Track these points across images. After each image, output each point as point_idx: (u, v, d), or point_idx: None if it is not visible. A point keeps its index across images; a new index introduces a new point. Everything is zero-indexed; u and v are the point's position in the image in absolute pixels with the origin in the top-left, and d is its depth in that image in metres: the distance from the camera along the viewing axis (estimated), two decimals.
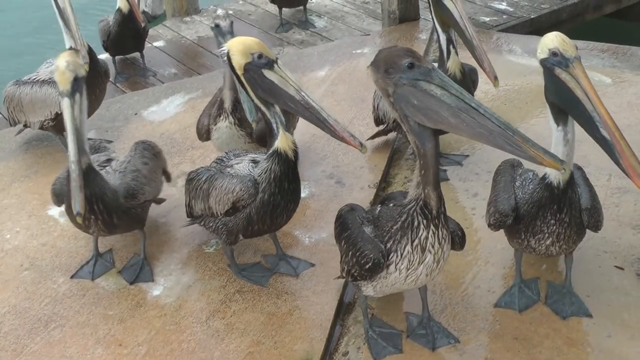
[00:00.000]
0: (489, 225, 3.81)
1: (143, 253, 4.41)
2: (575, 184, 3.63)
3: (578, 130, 5.36)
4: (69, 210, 4.03)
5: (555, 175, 3.52)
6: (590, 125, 3.31)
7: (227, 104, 4.64)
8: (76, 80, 3.88)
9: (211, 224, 4.13)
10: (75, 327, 3.97)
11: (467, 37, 4.57)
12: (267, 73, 3.72)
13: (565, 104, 3.39)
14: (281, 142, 3.82)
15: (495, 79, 4.56)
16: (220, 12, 4.66)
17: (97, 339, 3.89)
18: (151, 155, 4.43)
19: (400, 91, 3.07)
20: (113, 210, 4.04)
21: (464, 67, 4.78)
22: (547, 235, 3.64)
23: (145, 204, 4.27)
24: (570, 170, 3.57)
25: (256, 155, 4.07)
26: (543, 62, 3.37)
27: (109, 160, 4.35)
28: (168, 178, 4.76)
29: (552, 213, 3.58)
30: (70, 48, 5.26)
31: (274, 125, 3.84)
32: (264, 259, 4.38)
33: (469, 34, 4.57)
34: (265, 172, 3.85)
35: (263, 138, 4.36)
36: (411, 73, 3.04)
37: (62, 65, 3.87)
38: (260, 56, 3.72)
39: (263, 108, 3.84)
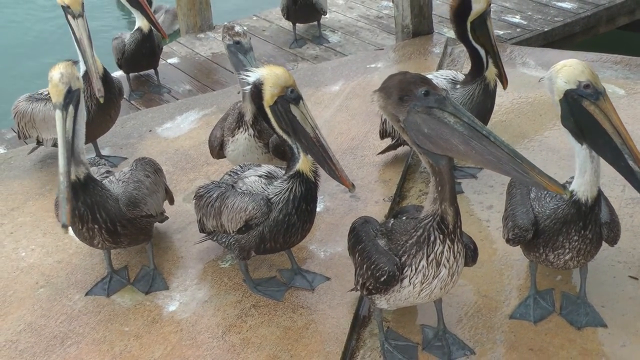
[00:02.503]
0: (508, 240, 3.78)
1: (152, 263, 4.44)
2: (601, 201, 3.63)
3: None
4: (72, 222, 4.01)
5: (584, 192, 3.51)
6: (616, 157, 3.36)
7: (248, 117, 4.69)
8: (70, 93, 3.90)
9: (224, 240, 4.16)
10: (91, 344, 3.99)
11: (495, 50, 4.94)
12: (292, 108, 3.83)
13: (587, 134, 3.40)
14: (302, 164, 3.90)
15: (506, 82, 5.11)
16: (238, 28, 4.70)
17: (114, 355, 3.91)
18: (152, 170, 4.45)
19: (412, 119, 3.11)
20: (116, 218, 4.05)
21: (497, 78, 5.00)
22: (567, 250, 3.63)
23: (150, 217, 4.25)
24: (599, 187, 3.56)
25: (270, 170, 4.09)
26: (569, 92, 3.36)
27: (109, 172, 4.36)
28: (171, 199, 4.77)
29: (576, 230, 3.57)
30: (86, 73, 5.29)
31: (296, 150, 3.91)
32: (279, 273, 4.39)
33: (496, 47, 4.94)
34: (285, 193, 3.89)
35: (278, 149, 4.42)
36: (426, 100, 3.07)
37: (56, 78, 3.89)
38: (292, 91, 3.82)
39: (284, 135, 3.91)
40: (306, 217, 3.99)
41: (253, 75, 3.88)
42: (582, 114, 3.38)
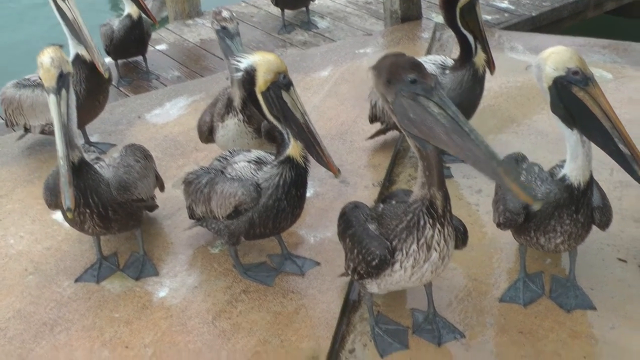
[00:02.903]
0: (498, 224, 3.80)
1: (142, 249, 4.44)
2: (593, 185, 3.64)
3: None
4: (62, 207, 4.04)
5: (576, 176, 3.52)
6: (606, 142, 3.38)
7: (237, 102, 4.68)
8: (62, 77, 3.89)
9: (213, 226, 4.16)
10: (81, 331, 3.98)
11: (483, 36, 4.90)
12: (284, 94, 3.82)
13: (578, 120, 3.41)
14: (293, 149, 3.89)
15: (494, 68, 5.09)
16: (225, 13, 4.67)
17: (103, 341, 3.91)
18: (142, 156, 4.45)
19: (399, 102, 3.11)
20: (107, 203, 4.04)
21: (486, 64, 4.98)
22: (559, 234, 3.65)
23: (139, 202, 4.25)
24: (590, 171, 3.57)
25: (260, 155, 4.09)
26: (558, 79, 3.37)
27: (98, 158, 4.34)
28: (161, 186, 4.75)
29: (568, 214, 3.58)
30: (77, 56, 5.29)
31: (286, 135, 3.90)
32: (269, 258, 4.39)
33: (484, 33, 4.91)
34: (274, 178, 3.89)
35: (270, 134, 4.40)
36: (412, 87, 3.07)
37: (47, 62, 3.88)
38: (284, 77, 3.81)
39: (275, 121, 3.90)
40: (296, 203, 3.99)
41: (245, 61, 3.85)
42: (571, 100, 3.39)
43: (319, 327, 3.88)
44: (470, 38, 4.87)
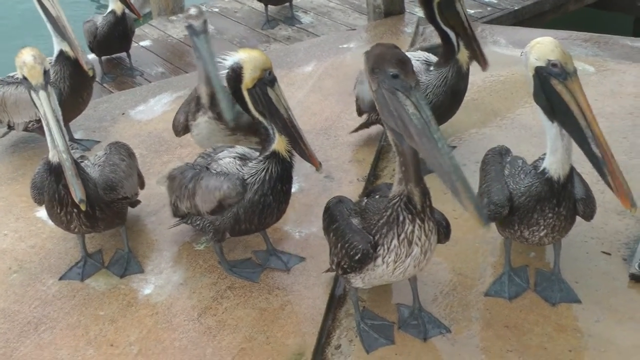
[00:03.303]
0: None
1: (127, 247, 4.43)
2: (573, 178, 3.65)
3: None
4: (49, 206, 4.04)
5: (556, 170, 3.54)
6: (582, 139, 3.37)
7: (205, 99, 4.66)
8: (46, 73, 3.89)
9: (198, 222, 4.15)
10: (65, 329, 3.97)
11: (469, 33, 4.81)
12: (268, 90, 3.83)
13: (557, 113, 3.43)
14: (278, 144, 3.89)
15: (485, 64, 4.91)
16: (192, 11, 4.63)
17: (88, 340, 3.89)
18: (127, 154, 4.45)
19: (381, 92, 3.12)
20: (95, 202, 4.03)
21: (469, 60, 4.91)
22: (542, 227, 3.66)
23: (125, 200, 4.25)
24: (570, 164, 3.59)
25: (245, 151, 4.07)
26: (539, 69, 3.39)
27: (83, 157, 4.33)
28: (142, 184, 4.72)
29: (550, 207, 3.59)
30: (61, 52, 5.27)
31: (271, 131, 3.90)
32: (254, 254, 4.39)
33: (470, 31, 4.81)
34: (260, 173, 3.89)
35: (243, 126, 4.45)
36: (393, 82, 3.08)
37: (30, 60, 3.87)
38: (270, 73, 3.82)
39: (260, 117, 3.91)
40: (282, 198, 3.99)
41: (231, 59, 3.85)
42: (550, 92, 3.40)
43: (304, 323, 3.88)
44: (452, 35, 4.81)
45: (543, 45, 3.40)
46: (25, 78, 3.87)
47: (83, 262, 4.38)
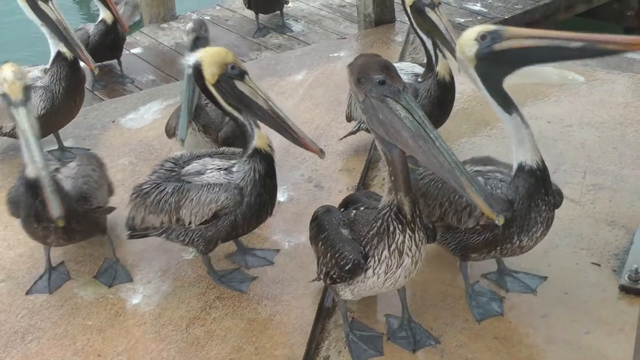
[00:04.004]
0: (478, 225, 3.66)
1: (114, 256, 4.41)
2: None
3: (554, 129, 5.45)
4: (26, 221, 4.01)
5: (532, 158, 3.48)
6: (560, 52, 3.26)
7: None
8: (26, 89, 3.87)
9: (181, 236, 4.05)
10: (53, 339, 3.94)
11: (454, 47, 4.55)
12: (238, 84, 3.81)
13: (524, 62, 3.34)
14: (259, 140, 3.87)
15: None
16: (188, 26, 4.72)
17: (76, 350, 3.87)
18: (97, 164, 4.46)
19: (369, 102, 3.12)
20: (71, 215, 3.98)
21: (452, 70, 4.81)
22: (539, 225, 3.59)
23: (98, 209, 4.23)
24: (540, 156, 3.54)
25: (221, 163, 4.03)
26: (478, 52, 3.33)
27: (57, 170, 4.28)
28: (111, 192, 4.68)
29: (541, 199, 3.54)
30: (59, 53, 5.27)
31: (248, 127, 3.89)
32: (229, 259, 4.40)
33: (450, 40, 4.61)
34: (249, 174, 3.86)
35: (228, 142, 4.51)
36: (381, 89, 3.07)
37: (11, 76, 3.86)
38: (233, 67, 3.79)
39: (235, 113, 3.89)
40: (273, 192, 3.99)
41: (191, 57, 3.85)
42: (503, 58, 3.32)
43: (293, 334, 3.87)
44: (428, 43, 4.74)
45: (463, 38, 3.39)
46: (5, 94, 3.84)
47: (48, 275, 4.34)
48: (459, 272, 4.07)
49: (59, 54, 5.29)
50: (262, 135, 3.89)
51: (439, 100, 4.79)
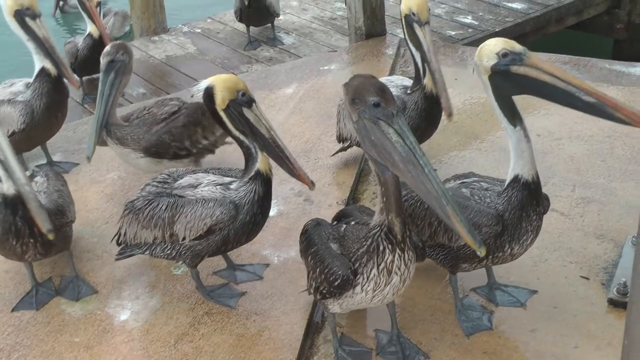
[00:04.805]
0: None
1: (74, 271, 4.40)
2: None
3: (543, 142, 5.45)
4: (2, 239, 3.95)
5: (528, 171, 3.54)
6: (570, 98, 3.33)
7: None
8: None
9: (168, 251, 4.04)
10: (39, 357, 3.91)
11: (432, 68, 4.64)
12: (245, 111, 3.87)
13: (534, 93, 3.43)
14: (262, 163, 3.92)
15: (450, 115, 4.59)
16: (105, 49, 4.93)
17: None
18: (63, 181, 4.47)
19: (362, 123, 3.13)
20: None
21: None
22: (530, 233, 3.63)
23: (70, 223, 4.26)
24: (536, 170, 3.60)
25: (216, 178, 4.05)
26: (494, 67, 3.41)
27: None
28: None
29: (533, 209, 3.59)
30: (42, 69, 5.26)
31: (253, 150, 3.93)
32: (218, 274, 4.40)
33: (433, 65, 4.62)
34: (249, 194, 3.89)
35: (152, 151, 4.72)
36: (374, 111, 3.08)
37: None
38: (243, 94, 3.86)
39: (241, 137, 3.94)
40: (267, 212, 4.03)
41: (204, 82, 3.91)
42: (516, 81, 3.40)
43: (282, 350, 3.85)
44: (417, 56, 4.73)
45: (487, 46, 3.47)
46: None
47: (35, 291, 4.32)
48: (449, 286, 4.07)
49: (42, 70, 5.28)
50: (265, 159, 3.94)
51: (427, 113, 4.79)
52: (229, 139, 4.72)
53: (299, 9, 9.86)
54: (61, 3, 12.30)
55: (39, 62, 5.31)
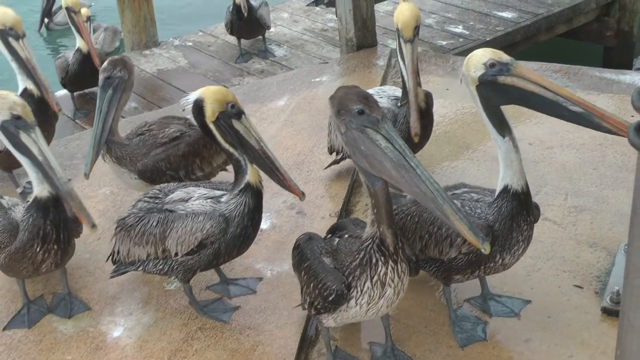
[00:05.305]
0: (460, 254, 3.67)
1: (67, 287, 4.38)
2: None
3: (535, 151, 5.45)
4: (22, 249, 3.93)
5: (518, 181, 3.54)
6: (557, 108, 3.35)
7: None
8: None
9: (160, 266, 4.04)
10: None
11: (407, 86, 4.66)
12: (235, 123, 3.87)
13: (522, 103, 3.44)
14: (252, 176, 3.91)
15: (415, 135, 4.59)
16: (103, 65, 4.82)
17: None
18: None
19: (350, 134, 3.12)
20: (70, 236, 4.07)
21: (427, 96, 4.80)
22: (521, 243, 3.63)
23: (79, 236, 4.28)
24: (526, 180, 3.60)
25: (206, 192, 4.05)
26: (482, 77, 3.41)
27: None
28: None
29: (523, 219, 3.59)
30: (25, 90, 5.23)
31: (243, 162, 3.92)
32: (211, 289, 4.38)
33: (408, 84, 4.65)
34: (239, 207, 3.88)
35: (146, 175, 4.68)
36: (360, 119, 3.08)
37: (20, 100, 3.87)
38: (233, 106, 3.86)
39: (231, 149, 3.93)
40: (257, 225, 4.02)
41: (193, 94, 3.90)
42: (503, 91, 3.41)
43: None
44: (404, 70, 4.71)
45: (474, 56, 3.47)
46: (19, 116, 3.80)
47: (27, 309, 4.30)
48: (443, 296, 4.06)
49: (25, 90, 5.24)
50: (255, 171, 3.94)
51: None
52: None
53: (290, 20, 9.89)
54: (46, 20, 12.29)
55: (22, 82, 5.28)
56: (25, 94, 5.24)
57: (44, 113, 5.30)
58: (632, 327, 2.12)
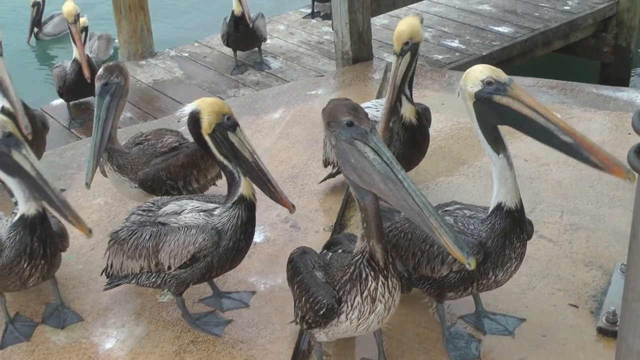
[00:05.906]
0: (452, 272, 3.66)
1: (59, 298, 4.36)
2: None
3: (530, 167, 5.44)
4: (9, 265, 3.89)
5: (511, 199, 3.53)
6: (547, 135, 3.32)
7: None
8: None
9: (153, 279, 4.02)
10: None
11: (386, 98, 4.65)
12: (230, 135, 3.85)
13: (514, 125, 3.41)
14: (245, 188, 3.90)
15: None
16: (99, 71, 4.76)
17: None
18: None
19: (341, 146, 3.11)
20: (55, 249, 4.03)
21: (418, 112, 4.78)
22: (513, 260, 3.61)
23: (65, 249, 4.24)
24: (520, 197, 3.58)
25: (199, 204, 4.03)
26: (478, 94, 3.40)
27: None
28: None
29: (516, 237, 3.58)
30: (2, 109, 5.16)
31: (236, 174, 3.91)
32: (204, 302, 4.35)
33: (386, 97, 4.65)
34: (232, 220, 3.87)
35: (147, 184, 4.64)
36: (349, 131, 3.08)
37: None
38: (228, 118, 3.84)
39: (225, 161, 3.91)
40: (250, 238, 4.00)
41: (190, 106, 3.88)
42: (497, 110, 3.39)
43: None
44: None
45: (472, 72, 3.45)
46: (10, 134, 3.75)
47: (11, 327, 4.24)
48: (436, 313, 4.04)
49: (2, 109, 5.09)
50: (248, 184, 3.92)
51: (411, 143, 4.77)
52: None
53: (286, 33, 9.89)
54: (36, 30, 12.25)
55: (1, 101, 5.18)
56: (3, 112, 5.14)
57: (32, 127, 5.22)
58: (631, 352, 2.10)
